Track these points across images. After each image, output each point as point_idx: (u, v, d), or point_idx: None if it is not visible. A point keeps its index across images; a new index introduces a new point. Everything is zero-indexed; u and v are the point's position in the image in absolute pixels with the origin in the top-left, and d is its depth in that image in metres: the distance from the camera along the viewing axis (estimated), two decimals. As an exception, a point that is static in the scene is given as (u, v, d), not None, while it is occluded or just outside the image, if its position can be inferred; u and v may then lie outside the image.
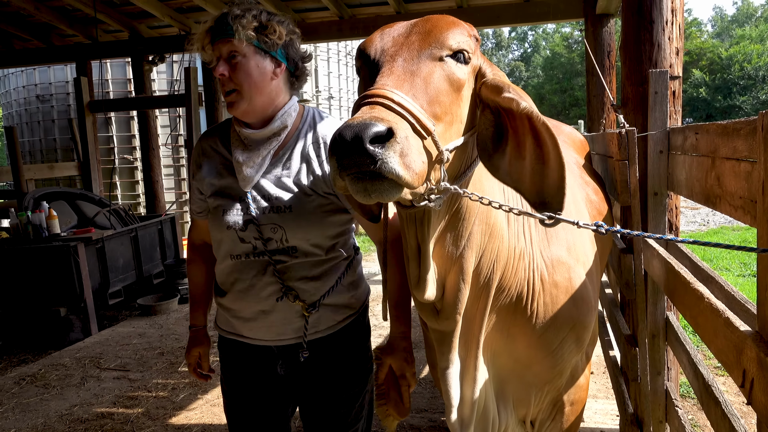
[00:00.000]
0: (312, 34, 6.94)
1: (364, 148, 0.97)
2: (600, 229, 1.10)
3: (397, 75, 1.15)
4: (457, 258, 1.38)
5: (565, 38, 44.48)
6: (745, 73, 34.99)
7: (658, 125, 2.24)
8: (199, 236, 2.02)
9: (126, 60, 10.51)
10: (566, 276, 1.67)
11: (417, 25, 1.26)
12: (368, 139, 0.97)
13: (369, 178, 1.02)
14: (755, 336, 1.12)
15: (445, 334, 1.47)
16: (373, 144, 0.98)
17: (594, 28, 5.73)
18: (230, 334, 1.87)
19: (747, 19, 48.42)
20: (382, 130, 0.99)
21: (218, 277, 1.86)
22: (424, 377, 4.27)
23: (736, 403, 3.57)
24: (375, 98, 1.08)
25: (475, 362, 1.55)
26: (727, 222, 10.86)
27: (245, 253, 1.74)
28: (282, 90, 1.75)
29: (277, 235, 1.71)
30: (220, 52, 1.66)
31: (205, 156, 1.82)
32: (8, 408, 4.08)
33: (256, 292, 1.75)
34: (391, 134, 1.00)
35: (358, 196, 1.05)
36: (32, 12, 6.61)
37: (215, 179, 1.78)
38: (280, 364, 1.84)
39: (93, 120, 7.62)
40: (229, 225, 1.72)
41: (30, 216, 5.68)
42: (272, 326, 1.78)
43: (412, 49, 1.21)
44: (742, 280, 6.69)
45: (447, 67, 1.21)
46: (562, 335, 1.66)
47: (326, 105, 12.27)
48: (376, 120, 1.00)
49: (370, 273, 8.12)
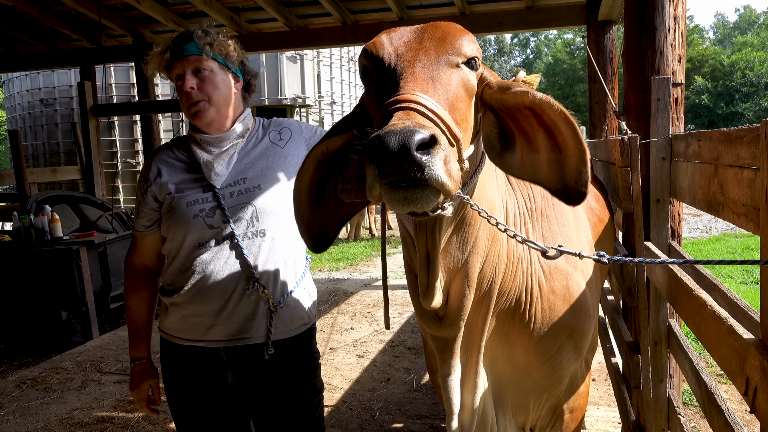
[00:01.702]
0: (315, 40, 6.96)
1: (411, 155, 0.94)
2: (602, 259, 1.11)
3: (420, 81, 1.12)
4: (462, 264, 1.37)
5: (567, 45, 44.54)
6: (748, 80, 35.00)
7: (660, 132, 2.24)
8: (140, 260, 1.95)
9: (130, 64, 10.56)
10: (564, 283, 1.67)
11: (427, 31, 1.24)
12: (415, 146, 0.94)
13: (411, 187, 0.98)
14: (758, 344, 1.12)
15: (447, 341, 1.46)
16: (419, 151, 0.95)
17: (596, 35, 5.73)
18: (181, 339, 1.85)
19: (749, 26, 48.47)
20: (426, 137, 0.96)
21: (172, 276, 1.85)
22: (425, 383, 4.26)
23: (739, 411, 3.55)
24: (408, 103, 1.04)
25: (476, 368, 1.55)
26: (729, 229, 10.84)
27: (213, 238, 1.78)
28: (240, 102, 1.91)
29: (247, 213, 1.79)
30: (183, 70, 1.77)
31: (163, 164, 1.87)
32: (9, 411, 4.08)
33: (221, 284, 1.78)
34: (434, 141, 0.97)
35: (395, 205, 1.00)
36: (37, 17, 6.64)
37: (177, 178, 1.84)
38: (230, 374, 1.86)
39: (96, 124, 7.64)
40: (195, 213, 1.77)
41: (33, 219, 5.69)
42: (233, 324, 1.80)
43: (429, 54, 1.19)
44: (744, 287, 6.67)
45: (462, 74, 1.21)
46: (560, 342, 1.65)
47: (329, 110, 12.29)
48: (420, 126, 0.96)
49: (371, 278, 8.11)
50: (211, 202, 1.79)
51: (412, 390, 4.16)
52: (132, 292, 1.94)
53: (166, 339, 1.90)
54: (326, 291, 7.32)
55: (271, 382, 1.88)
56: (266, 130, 1.95)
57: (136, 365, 1.94)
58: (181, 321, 1.84)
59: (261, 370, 1.86)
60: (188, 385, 1.88)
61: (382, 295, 6.97)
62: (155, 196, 1.84)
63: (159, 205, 1.85)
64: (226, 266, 1.78)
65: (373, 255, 10.03)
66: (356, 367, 4.69)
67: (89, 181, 7.67)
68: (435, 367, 1.89)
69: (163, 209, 1.83)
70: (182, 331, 1.84)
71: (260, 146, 1.91)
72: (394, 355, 4.90)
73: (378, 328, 5.72)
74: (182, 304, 1.82)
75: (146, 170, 1.88)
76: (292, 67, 11.39)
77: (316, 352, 2.00)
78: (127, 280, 1.96)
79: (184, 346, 1.85)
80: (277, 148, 1.91)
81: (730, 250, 8.67)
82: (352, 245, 10.95)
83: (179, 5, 6.56)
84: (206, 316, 1.80)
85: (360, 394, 4.13)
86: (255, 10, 6.61)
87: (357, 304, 6.70)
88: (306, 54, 11.51)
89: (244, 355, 1.84)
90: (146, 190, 1.85)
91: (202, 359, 1.84)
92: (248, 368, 1.86)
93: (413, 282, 1.41)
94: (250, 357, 1.84)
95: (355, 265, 9.30)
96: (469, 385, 1.55)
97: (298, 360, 1.92)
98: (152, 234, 1.90)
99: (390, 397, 4.06)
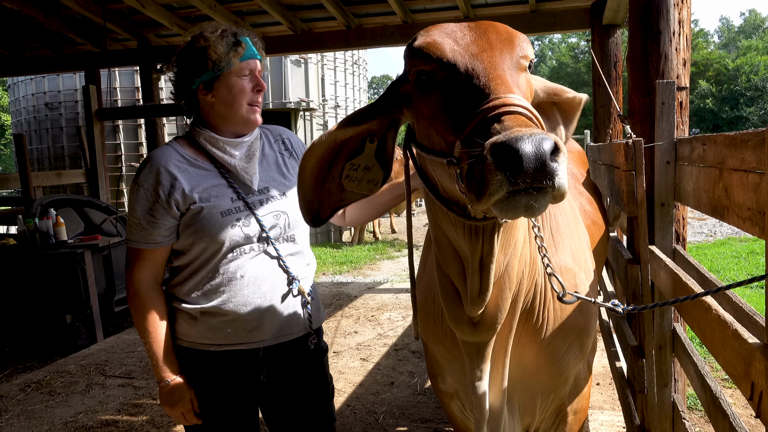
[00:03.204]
0: (319, 44, 6.98)
1: (545, 163, 0.91)
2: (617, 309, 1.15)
3: (508, 84, 1.09)
4: (504, 266, 1.36)
5: (571, 48, 44.54)
6: (752, 84, 34.94)
7: (665, 136, 2.23)
8: (152, 274, 1.83)
9: (134, 68, 10.60)
10: (572, 282, 1.68)
11: (490, 31, 1.20)
12: (548, 153, 0.92)
13: (534, 192, 0.94)
14: (763, 348, 1.12)
15: (480, 346, 1.45)
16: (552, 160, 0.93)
17: (601, 39, 5.73)
18: (215, 346, 1.83)
19: (754, 31, 48.38)
20: (554, 145, 0.93)
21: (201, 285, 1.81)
22: (428, 387, 4.25)
23: (744, 416, 3.53)
24: (513, 107, 1.01)
25: (503, 372, 1.55)
26: (734, 233, 10.80)
27: (248, 245, 1.82)
28: None
29: (281, 221, 1.86)
30: (252, 68, 1.82)
31: (177, 170, 1.79)
32: (13, 415, 4.09)
33: (263, 287, 1.83)
34: (558, 149, 0.94)
35: (509, 213, 0.97)
36: (42, 21, 6.68)
37: (200, 187, 1.79)
38: (264, 373, 1.91)
39: (101, 128, 7.67)
40: (232, 223, 1.78)
41: (37, 223, 5.71)
42: (277, 322, 1.86)
43: (504, 56, 1.16)
44: (749, 291, 6.64)
45: (528, 77, 1.23)
46: (569, 342, 1.66)
47: (333, 114, 12.30)
48: (545, 134, 0.93)
49: (374, 282, 8.11)
50: (244, 210, 1.81)
51: (415, 394, 4.15)
52: (150, 309, 1.80)
53: (192, 348, 1.85)
54: (330, 294, 7.32)
55: (299, 374, 1.97)
56: (268, 137, 2.00)
57: (172, 384, 1.82)
58: (216, 328, 1.82)
59: (294, 363, 1.95)
60: (217, 390, 1.87)
61: (385, 299, 6.98)
62: (177, 205, 1.76)
63: (180, 214, 1.78)
64: (264, 270, 1.84)
65: (376, 259, 10.03)
66: (360, 370, 4.68)
67: (94, 184, 7.70)
68: (436, 373, 1.90)
69: (187, 220, 1.77)
70: (218, 338, 1.82)
71: (269, 154, 1.96)
72: (398, 359, 4.90)
73: (381, 331, 5.71)
74: (218, 312, 1.80)
75: (158, 177, 1.76)
76: (296, 71, 11.40)
77: (325, 345, 2.11)
78: (138, 297, 1.80)
79: (217, 352, 1.84)
80: (285, 156, 1.98)
81: (735, 255, 8.64)
82: (356, 249, 10.95)
83: (184, 9, 6.59)
84: (249, 320, 1.82)
85: (364, 398, 4.13)
86: (259, 14, 6.63)
87: (361, 307, 6.69)
88: (310, 58, 11.52)
89: (282, 352, 1.92)
90: (167, 198, 1.75)
91: (237, 362, 1.86)
92: (282, 365, 1.94)
93: (449, 288, 1.40)
94: (288, 352, 1.93)
95: (359, 268, 9.30)
96: (495, 388, 1.55)
97: (318, 351, 2.02)
98: (168, 245, 1.83)
99: (394, 400, 4.05)
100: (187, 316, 1.83)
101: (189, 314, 1.83)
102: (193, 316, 1.82)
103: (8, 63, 8.09)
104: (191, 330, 1.83)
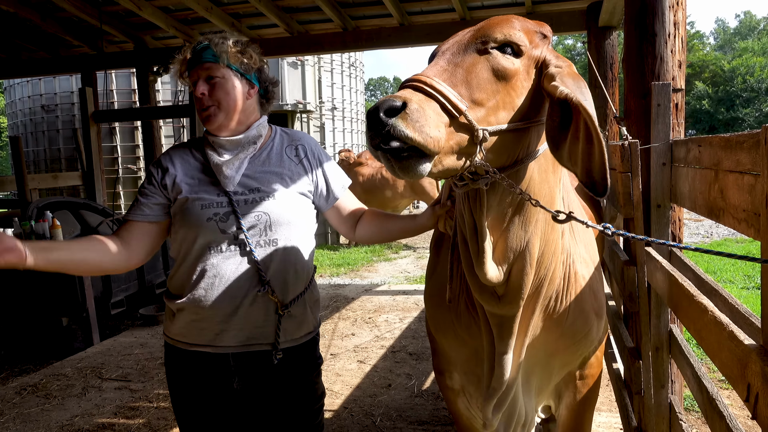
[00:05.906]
0: (316, 46, 6.97)
1: (378, 117, 1.14)
2: (606, 231, 1.23)
3: (440, 66, 1.30)
4: (525, 243, 1.47)
5: (567, 50, 44.62)
6: (748, 86, 35.04)
7: (661, 137, 2.24)
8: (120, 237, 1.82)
9: (131, 71, 10.58)
10: (589, 269, 1.79)
11: (477, 25, 1.38)
12: (383, 110, 1.14)
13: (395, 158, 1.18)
14: (760, 350, 1.12)
15: (504, 319, 1.55)
16: (387, 115, 1.14)
17: (597, 41, 5.74)
18: (188, 345, 1.84)
19: (750, 32, 48.57)
20: (397, 104, 1.15)
21: (180, 280, 1.83)
22: (426, 389, 4.25)
23: (740, 417, 3.54)
24: (409, 82, 1.25)
25: (521, 350, 1.64)
26: (730, 234, 10.82)
27: (225, 243, 1.79)
28: (255, 109, 1.93)
29: (261, 221, 1.81)
30: (198, 76, 1.81)
31: (179, 159, 1.90)
32: (9, 418, 4.07)
33: (232, 289, 1.78)
34: (404, 106, 1.15)
35: (390, 171, 1.21)
36: (39, 23, 6.66)
37: (190, 178, 1.85)
38: (236, 381, 1.85)
39: (97, 130, 7.65)
40: (209, 217, 1.78)
41: (33, 225, 5.69)
42: (244, 330, 1.81)
43: (461, 44, 1.35)
44: (746, 292, 6.66)
45: (491, 59, 1.31)
46: (589, 325, 1.78)
47: (329, 116, 12.30)
48: (395, 97, 1.17)
49: (372, 284, 8.10)
50: (225, 207, 1.80)
51: (413, 396, 4.15)
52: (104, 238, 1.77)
53: (171, 345, 1.89)
54: (327, 296, 7.31)
55: (275, 388, 1.89)
56: (283, 141, 1.96)
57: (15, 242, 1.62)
58: (189, 326, 1.83)
59: (267, 376, 1.87)
60: (194, 391, 1.87)
61: (382, 301, 6.97)
62: (167, 187, 1.84)
63: (168, 199, 1.85)
64: (237, 271, 1.79)
65: (374, 261, 10.02)
66: (357, 372, 4.68)
67: (90, 187, 7.67)
68: (443, 369, 1.98)
69: (174, 209, 1.83)
70: (190, 336, 1.83)
71: (275, 156, 1.92)
72: (395, 361, 4.89)
73: (379, 333, 5.71)
74: (190, 309, 1.80)
75: (161, 159, 1.90)
76: (293, 73, 11.40)
77: (319, 358, 2.02)
78: None
79: (190, 351, 1.85)
80: (293, 162, 1.93)
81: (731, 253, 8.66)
82: (353, 251, 10.95)
83: (180, 11, 6.58)
84: (216, 321, 1.79)
85: (361, 400, 4.12)
86: (256, 16, 6.63)
87: (358, 309, 6.69)
88: (307, 60, 11.52)
89: (252, 361, 1.85)
90: (160, 180, 1.85)
91: (209, 365, 1.84)
92: (255, 374, 1.86)
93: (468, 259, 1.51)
94: (258, 363, 1.85)
95: (356, 270, 9.29)
96: (513, 365, 1.64)
97: (303, 366, 1.94)
98: (146, 223, 1.83)
99: (391, 403, 4.05)
100: (170, 311, 1.88)
101: (170, 309, 1.87)
102: (173, 311, 1.86)
103: (4, 65, 8.08)
104: (172, 326, 1.88)
